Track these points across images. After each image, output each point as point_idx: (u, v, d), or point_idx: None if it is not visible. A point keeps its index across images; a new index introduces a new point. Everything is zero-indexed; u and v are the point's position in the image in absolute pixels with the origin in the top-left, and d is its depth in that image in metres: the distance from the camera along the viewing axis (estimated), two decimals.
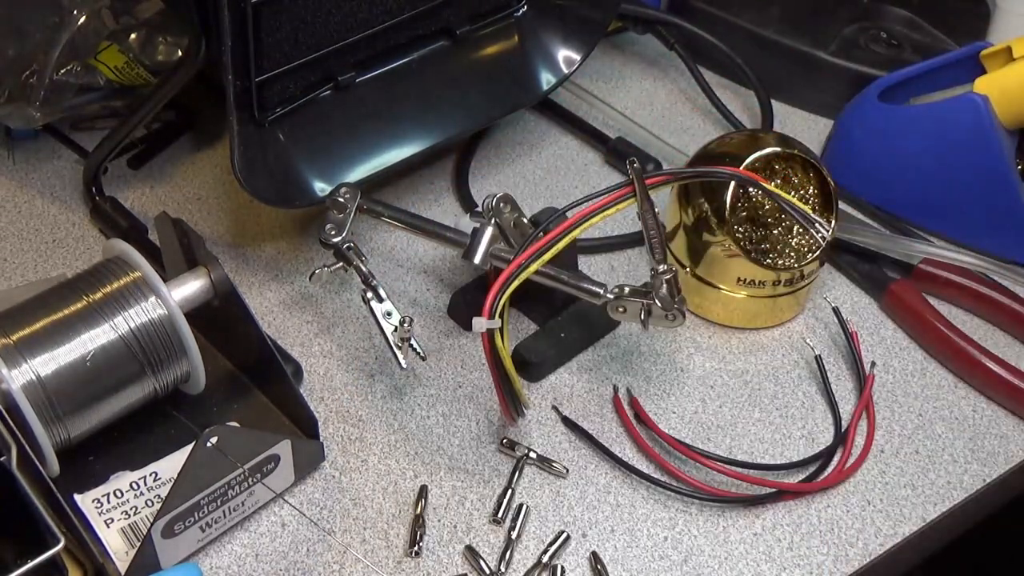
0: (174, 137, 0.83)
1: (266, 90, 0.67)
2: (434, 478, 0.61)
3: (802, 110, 0.89)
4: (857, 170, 0.79)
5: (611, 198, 0.59)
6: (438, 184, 0.81)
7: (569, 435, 0.64)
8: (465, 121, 0.76)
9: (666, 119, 0.88)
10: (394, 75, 0.74)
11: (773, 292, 0.68)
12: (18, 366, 0.54)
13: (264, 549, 0.58)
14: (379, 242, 0.75)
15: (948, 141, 0.74)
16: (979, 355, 0.67)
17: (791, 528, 0.60)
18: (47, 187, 0.78)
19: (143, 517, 0.57)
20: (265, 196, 0.67)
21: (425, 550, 0.58)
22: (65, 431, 0.56)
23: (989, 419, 0.67)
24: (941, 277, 0.72)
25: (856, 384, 0.67)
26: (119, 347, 0.56)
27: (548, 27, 0.80)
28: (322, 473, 0.61)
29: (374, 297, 0.63)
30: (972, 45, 0.76)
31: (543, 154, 0.84)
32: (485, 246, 0.64)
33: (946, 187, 0.76)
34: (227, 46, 0.61)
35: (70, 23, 0.74)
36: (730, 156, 0.67)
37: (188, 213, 0.77)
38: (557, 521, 0.60)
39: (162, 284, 0.58)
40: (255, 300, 0.71)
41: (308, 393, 0.65)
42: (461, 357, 0.68)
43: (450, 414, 0.65)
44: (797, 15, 0.90)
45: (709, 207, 0.66)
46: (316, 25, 0.66)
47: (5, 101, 0.75)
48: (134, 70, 0.79)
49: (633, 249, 0.76)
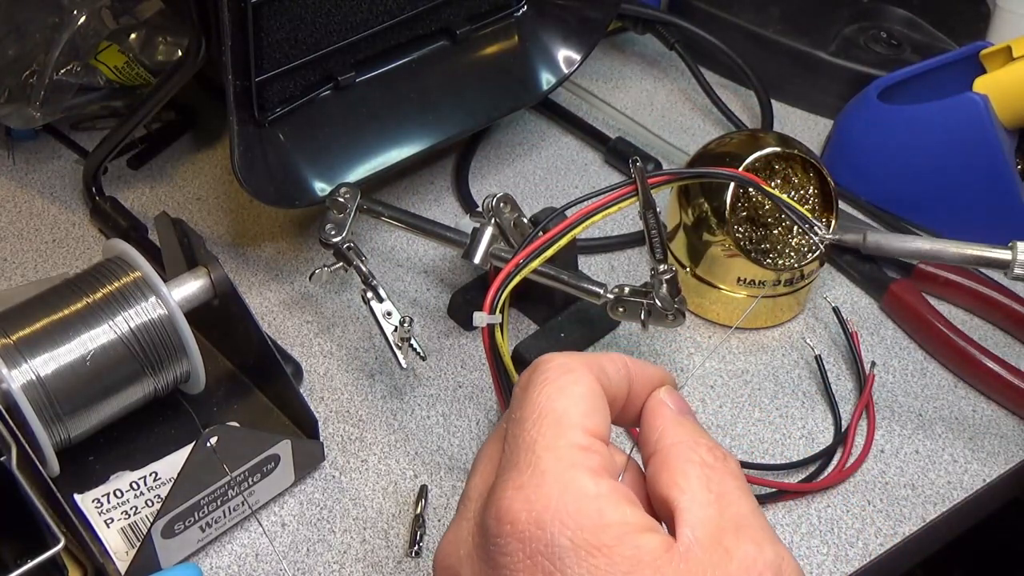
0: (174, 137, 0.83)
1: (266, 90, 0.67)
2: (434, 478, 0.61)
3: (802, 110, 0.89)
4: (857, 170, 0.79)
5: (612, 197, 0.58)
6: (438, 184, 0.81)
7: None
8: (465, 121, 0.76)
9: (666, 119, 0.88)
10: (394, 75, 0.74)
11: (773, 292, 0.68)
12: (18, 366, 0.54)
13: (264, 549, 0.58)
14: (379, 242, 0.75)
15: (948, 141, 0.74)
16: (979, 355, 0.67)
17: (791, 528, 0.60)
18: (47, 187, 0.78)
19: (143, 517, 0.57)
20: (265, 196, 0.67)
21: (425, 550, 0.58)
22: (65, 431, 0.56)
23: (989, 419, 0.67)
24: (941, 277, 0.72)
25: (856, 384, 0.67)
26: (119, 347, 0.56)
27: (548, 27, 0.80)
28: (322, 473, 0.61)
29: (374, 297, 0.63)
30: (972, 45, 0.76)
31: (543, 154, 0.84)
32: (485, 246, 0.64)
33: (946, 187, 0.76)
34: (227, 46, 0.61)
35: (70, 23, 0.74)
36: (730, 156, 0.67)
37: (188, 213, 0.77)
38: None
39: (162, 284, 0.58)
40: (255, 300, 0.71)
41: (308, 393, 0.66)
42: (461, 357, 0.68)
43: (450, 414, 0.65)
44: (797, 15, 0.90)
45: (709, 207, 0.66)
46: (316, 25, 0.66)
47: (5, 101, 0.75)
48: (134, 70, 0.79)
49: (633, 249, 0.76)
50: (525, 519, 0.36)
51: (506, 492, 0.37)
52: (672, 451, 0.40)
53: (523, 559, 0.36)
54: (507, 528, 0.36)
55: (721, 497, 0.38)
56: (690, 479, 0.38)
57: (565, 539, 0.35)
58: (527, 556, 0.36)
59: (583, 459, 0.37)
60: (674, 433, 0.40)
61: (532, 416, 0.38)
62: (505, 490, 0.37)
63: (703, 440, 0.40)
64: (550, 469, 0.37)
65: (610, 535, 0.36)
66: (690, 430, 0.41)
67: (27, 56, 0.74)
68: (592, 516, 0.36)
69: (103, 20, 0.76)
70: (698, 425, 0.42)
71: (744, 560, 0.36)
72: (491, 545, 0.37)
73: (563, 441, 0.38)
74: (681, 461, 0.39)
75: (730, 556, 0.36)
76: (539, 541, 0.36)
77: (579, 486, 0.36)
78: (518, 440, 0.38)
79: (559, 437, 0.38)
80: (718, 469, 0.39)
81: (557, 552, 0.35)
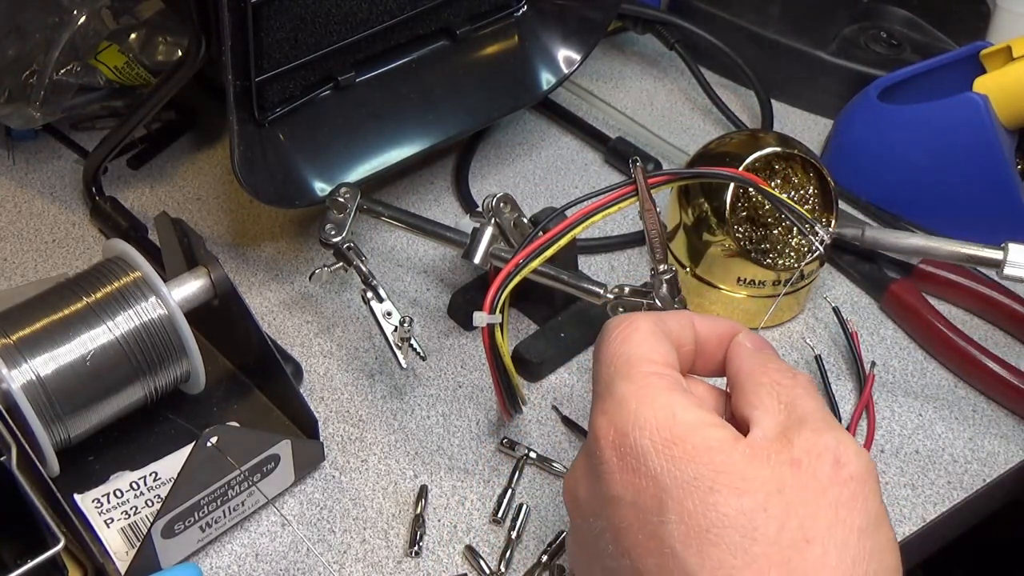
0: (174, 137, 0.83)
1: (266, 90, 0.67)
2: (434, 478, 0.61)
3: (802, 110, 0.89)
4: (857, 170, 0.79)
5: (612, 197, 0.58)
6: (438, 184, 0.81)
7: (569, 435, 0.64)
8: (465, 121, 0.76)
9: (666, 119, 0.88)
10: (394, 75, 0.74)
11: (773, 292, 0.68)
12: (18, 366, 0.54)
13: (264, 549, 0.58)
14: (379, 242, 0.75)
15: (948, 141, 0.74)
16: (979, 355, 0.67)
17: None
18: (47, 187, 0.78)
19: (143, 517, 0.57)
20: (265, 196, 0.67)
21: (425, 550, 0.58)
22: (65, 431, 0.56)
23: (989, 419, 0.67)
24: (941, 277, 0.72)
25: (856, 384, 0.67)
26: (119, 347, 0.56)
27: (548, 27, 0.80)
28: (322, 473, 0.61)
29: (374, 297, 0.63)
30: (972, 45, 0.76)
31: (543, 154, 0.84)
32: (485, 246, 0.64)
33: (946, 187, 0.76)
34: (227, 46, 0.61)
35: (70, 23, 0.74)
36: (730, 156, 0.67)
37: (188, 213, 0.77)
38: (557, 521, 0.60)
39: (162, 284, 0.58)
40: (255, 300, 0.71)
41: (308, 393, 0.66)
42: (461, 357, 0.68)
43: (450, 414, 0.65)
44: (797, 15, 0.90)
45: (709, 207, 0.66)
46: (316, 25, 0.66)
47: (5, 101, 0.75)
48: (134, 70, 0.79)
49: (633, 249, 0.76)
50: (613, 433, 0.44)
51: (596, 418, 0.45)
52: (747, 378, 0.46)
53: (616, 462, 0.44)
54: (600, 443, 0.44)
55: (789, 404, 0.44)
56: (761, 396, 0.45)
57: (645, 440, 0.43)
58: (619, 459, 0.43)
59: (652, 380, 0.45)
60: (748, 364, 0.47)
61: (606, 360, 0.47)
62: (595, 417, 0.45)
63: (772, 364, 0.47)
64: (626, 392, 0.45)
65: (682, 429, 0.43)
66: (763, 359, 0.47)
67: (27, 56, 0.74)
68: (666, 418, 0.43)
69: (103, 20, 0.75)
70: (774, 355, 0.48)
71: (804, 445, 0.42)
72: (592, 460, 0.45)
73: (633, 371, 0.45)
74: (754, 384, 0.46)
75: (792, 443, 0.42)
76: (625, 446, 0.43)
77: (651, 398, 0.44)
78: (599, 380, 0.47)
79: (630, 368, 0.45)
80: (787, 384, 0.45)
81: (640, 451, 0.43)
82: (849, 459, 0.42)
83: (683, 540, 0.41)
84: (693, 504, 0.41)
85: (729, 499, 0.41)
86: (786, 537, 0.40)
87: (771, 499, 0.41)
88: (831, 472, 0.41)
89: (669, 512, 0.42)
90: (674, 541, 0.41)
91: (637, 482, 0.43)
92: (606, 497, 0.44)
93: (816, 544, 0.40)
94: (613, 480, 0.44)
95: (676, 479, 0.42)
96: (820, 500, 0.41)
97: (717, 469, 0.41)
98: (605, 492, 0.44)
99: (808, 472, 0.41)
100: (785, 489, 0.41)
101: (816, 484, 0.41)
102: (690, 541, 0.41)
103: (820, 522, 0.40)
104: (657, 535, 0.42)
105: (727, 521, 0.41)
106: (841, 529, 0.40)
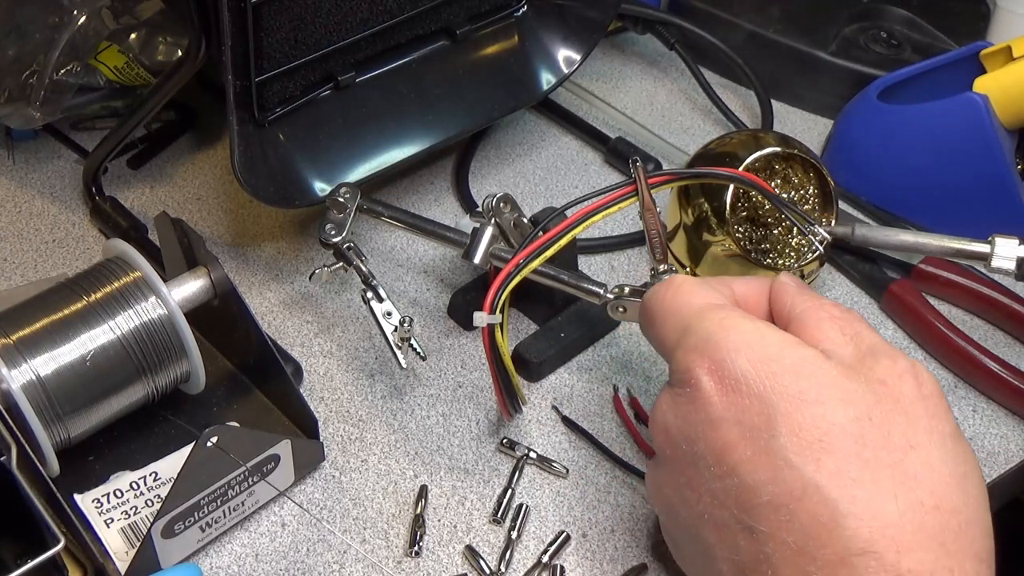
0: (174, 137, 0.83)
1: (266, 90, 0.67)
2: (434, 478, 0.61)
3: (802, 110, 0.89)
4: (857, 170, 0.79)
5: (612, 197, 0.59)
6: (438, 184, 0.81)
7: (569, 435, 0.64)
8: (465, 121, 0.76)
9: (666, 119, 0.88)
10: (394, 75, 0.74)
11: None
12: (18, 366, 0.54)
13: (264, 549, 0.58)
14: (379, 242, 0.75)
15: (948, 141, 0.74)
16: (979, 355, 0.67)
17: None
18: (47, 187, 0.78)
19: (143, 517, 0.57)
20: (265, 196, 0.67)
21: (425, 550, 0.58)
22: (65, 431, 0.56)
23: (989, 419, 0.67)
24: (941, 277, 0.72)
25: None
26: (119, 347, 0.56)
27: (548, 27, 0.80)
28: (322, 473, 0.61)
29: (374, 297, 0.63)
30: (972, 45, 0.76)
31: (543, 154, 0.84)
32: (485, 246, 0.64)
33: (946, 187, 0.76)
34: (227, 46, 0.61)
35: (70, 23, 0.74)
36: (730, 156, 0.67)
37: (188, 213, 0.77)
38: (557, 521, 0.60)
39: (162, 284, 0.58)
40: (255, 300, 0.71)
41: (308, 393, 0.66)
42: (461, 357, 0.68)
43: (450, 414, 0.65)
44: (797, 15, 0.90)
45: (709, 207, 0.66)
46: (316, 25, 0.66)
47: (5, 101, 0.75)
48: (134, 70, 0.79)
49: (633, 249, 0.76)
50: (707, 362, 0.46)
51: (684, 356, 0.47)
52: (806, 314, 0.49)
53: (715, 387, 0.46)
54: (695, 372, 0.47)
55: (855, 336, 0.48)
56: (826, 331, 0.48)
57: (743, 361, 0.46)
58: (718, 383, 0.46)
59: (728, 312, 0.48)
60: (802, 300, 0.50)
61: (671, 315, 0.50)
62: (683, 355, 0.48)
63: (826, 301, 0.50)
64: (708, 327, 0.47)
65: (775, 349, 0.46)
66: (815, 295, 0.50)
67: (27, 56, 0.74)
68: (756, 340, 0.46)
69: (103, 20, 0.75)
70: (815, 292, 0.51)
71: (884, 369, 0.46)
72: (685, 390, 0.47)
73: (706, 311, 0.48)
74: (815, 320, 0.48)
75: (873, 368, 0.46)
76: (723, 370, 0.46)
77: (736, 326, 0.47)
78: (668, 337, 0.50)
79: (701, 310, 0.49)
80: (846, 319, 0.48)
81: (740, 372, 0.45)
82: (926, 379, 0.46)
83: (798, 452, 0.43)
84: (803, 416, 0.44)
85: (836, 410, 0.44)
86: (893, 442, 0.44)
87: (873, 409, 0.44)
88: (914, 390, 0.45)
89: (779, 426, 0.44)
90: (788, 453, 0.43)
91: (740, 401, 0.45)
92: (706, 421, 0.46)
93: (920, 449, 0.44)
94: (712, 404, 0.46)
95: (781, 395, 0.44)
96: (913, 411, 0.45)
97: (820, 383, 0.45)
98: (704, 417, 0.46)
99: (896, 389, 0.45)
100: (882, 401, 0.45)
101: (906, 399, 0.45)
102: (805, 452, 0.43)
103: (919, 430, 0.44)
104: (768, 449, 0.44)
105: (838, 430, 0.44)
106: (936, 435, 0.45)
